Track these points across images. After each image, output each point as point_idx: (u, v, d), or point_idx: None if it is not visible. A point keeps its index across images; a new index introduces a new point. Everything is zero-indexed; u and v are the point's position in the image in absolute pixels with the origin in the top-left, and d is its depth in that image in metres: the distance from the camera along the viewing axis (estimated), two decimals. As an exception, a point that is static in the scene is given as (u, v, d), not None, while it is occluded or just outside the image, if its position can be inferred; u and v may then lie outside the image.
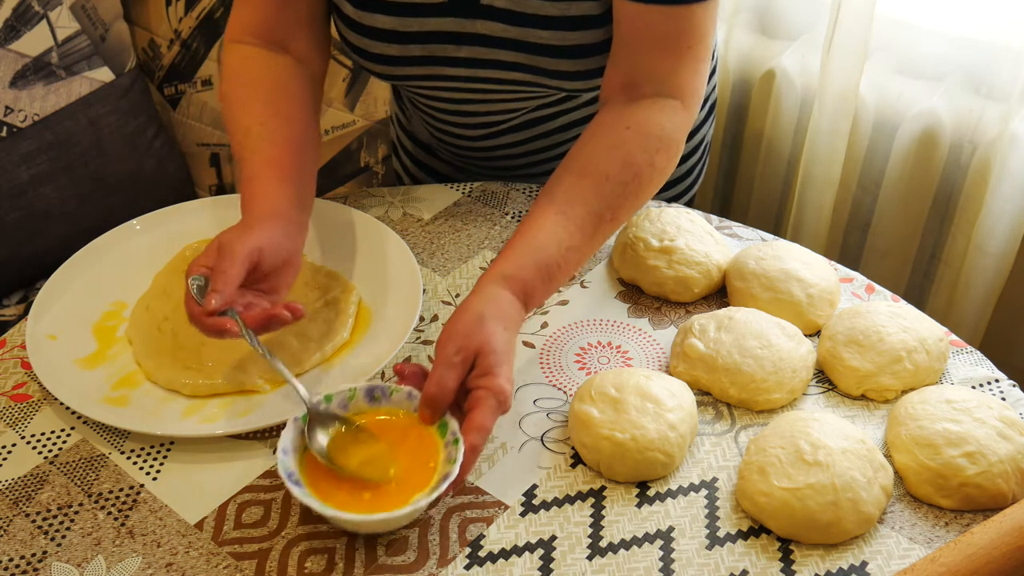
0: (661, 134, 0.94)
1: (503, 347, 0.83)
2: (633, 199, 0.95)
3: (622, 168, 0.93)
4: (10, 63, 1.52)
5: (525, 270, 0.88)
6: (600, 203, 0.92)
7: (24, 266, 1.56)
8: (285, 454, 0.81)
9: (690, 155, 1.26)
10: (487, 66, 1.01)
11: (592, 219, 0.92)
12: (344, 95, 1.60)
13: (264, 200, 0.92)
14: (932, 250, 1.52)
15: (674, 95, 0.96)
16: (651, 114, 0.95)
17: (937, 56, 1.39)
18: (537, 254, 0.89)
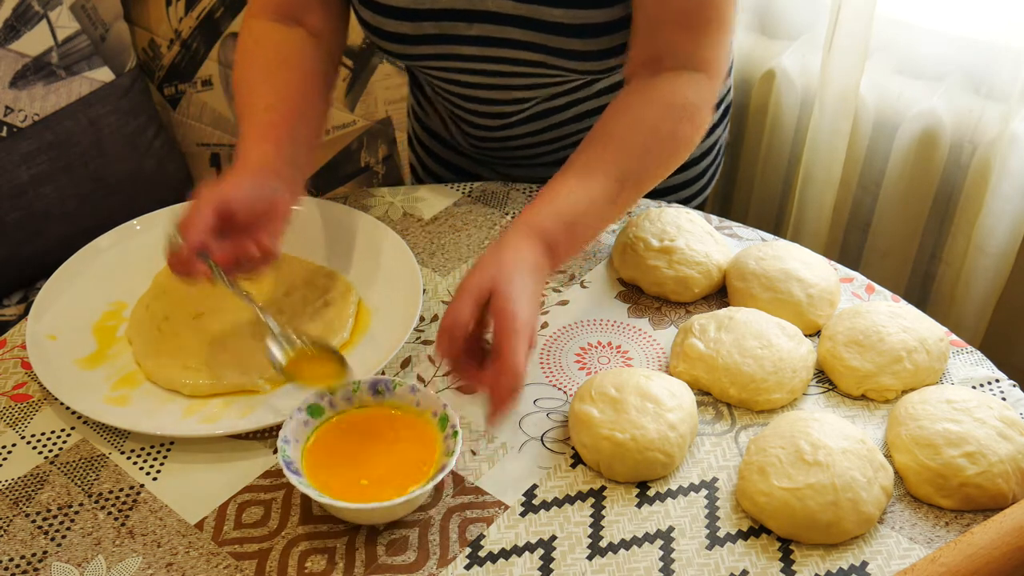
0: (685, 103, 0.95)
1: (519, 285, 0.83)
2: (656, 167, 0.96)
3: (646, 136, 0.94)
4: (10, 63, 1.52)
5: (547, 220, 0.89)
6: (623, 168, 0.93)
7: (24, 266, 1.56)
8: (286, 443, 0.82)
9: (702, 157, 1.25)
10: (498, 44, 1.02)
11: (615, 183, 0.92)
12: (344, 95, 1.60)
13: (244, 157, 0.94)
14: (932, 250, 1.52)
15: (698, 68, 0.97)
16: (675, 86, 0.96)
17: (937, 56, 1.39)
18: (559, 206, 0.90)
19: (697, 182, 1.27)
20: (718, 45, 0.97)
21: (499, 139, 1.18)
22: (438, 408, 0.84)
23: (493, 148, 1.21)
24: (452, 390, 0.94)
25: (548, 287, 1.05)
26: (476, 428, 0.90)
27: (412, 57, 1.07)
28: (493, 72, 1.06)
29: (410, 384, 0.86)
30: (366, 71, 1.58)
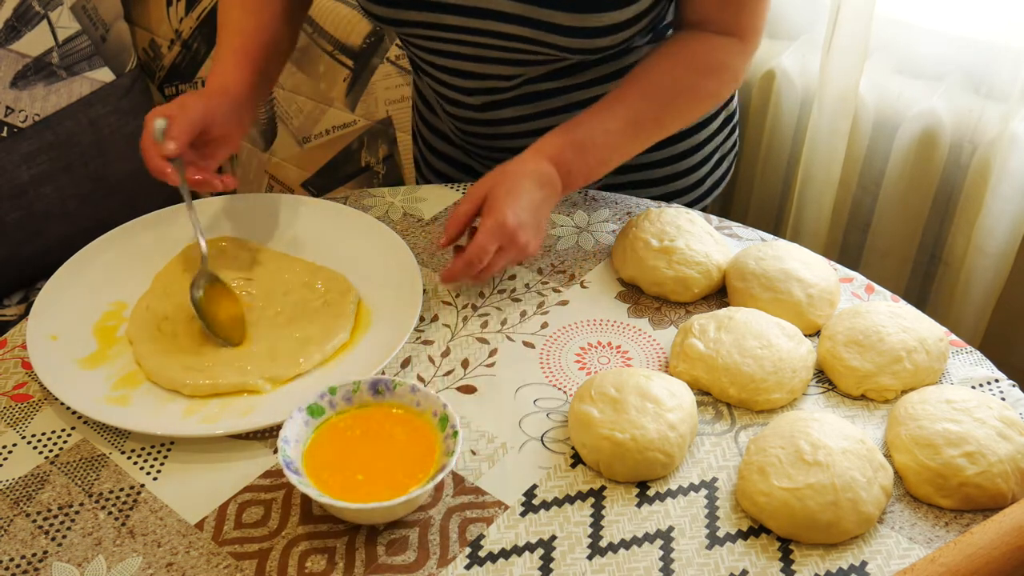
0: (710, 60, 1.04)
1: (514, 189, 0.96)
2: (677, 113, 1.06)
3: (670, 82, 1.03)
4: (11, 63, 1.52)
5: (557, 140, 1.00)
6: (642, 107, 1.03)
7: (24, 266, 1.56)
8: (286, 444, 0.82)
9: (700, 165, 1.25)
10: (483, 15, 1.02)
11: (632, 119, 1.02)
12: (345, 95, 1.60)
13: (222, 76, 1.06)
14: (932, 250, 1.52)
15: (733, 33, 1.04)
16: (707, 45, 1.05)
17: (937, 56, 1.39)
18: (571, 133, 1.01)
19: (695, 190, 1.27)
20: (756, 14, 1.04)
21: (485, 122, 1.18)
22: (438, 408, 0.85)
23: (481, 135, 1.21)
24: (453, 390, 0.94)
25: (548, 285, 1.05)
26: (476, 428, 0.90)
27: (398, 23, 1.07)
28: (478, 44, 1.06)
29: (410, 384, 0.86)
30: (367, 71, 1.58)
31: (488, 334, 1.00)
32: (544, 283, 1.06)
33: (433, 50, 1.10)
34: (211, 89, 1.05)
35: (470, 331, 1.00)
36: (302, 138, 1.67)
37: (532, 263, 1.08)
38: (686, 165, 1.24)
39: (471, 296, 1.04)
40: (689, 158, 1.24)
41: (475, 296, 1.04)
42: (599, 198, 1.17)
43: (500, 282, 1.06)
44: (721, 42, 1.04)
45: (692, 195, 1.28)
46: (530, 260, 1.07)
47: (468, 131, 1.21)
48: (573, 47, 1.03)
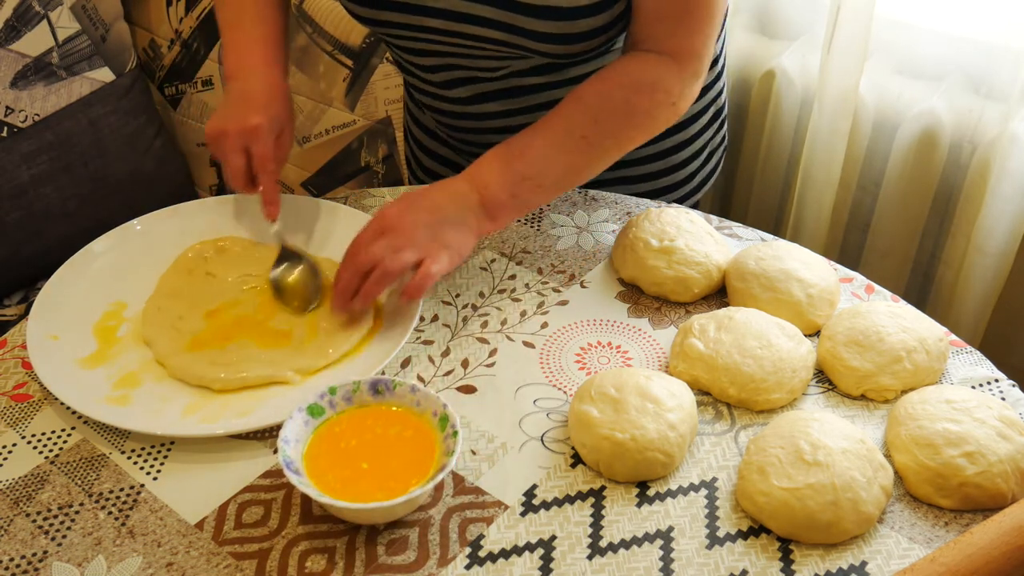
0: (641, 77, 1.00)
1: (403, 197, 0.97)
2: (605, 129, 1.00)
3: (597, 98, 1.00)
4: (11, 63, 1.52)
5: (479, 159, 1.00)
6: (568, 124, 0.99)
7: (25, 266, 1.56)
8: (286, 444, 0.82)
9: (691, 160, 1.26)
10: (463, 20, 1.02)
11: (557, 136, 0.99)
12: (344, 95, 1.60)
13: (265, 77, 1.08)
14: (932, 250, 1.52)
15: (667, 52, 1.01)
16: (637, 62, 1.01)
17: (937, 56, 1.39)
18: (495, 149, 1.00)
19: (685, 185, 1.28)
20: (694, 34, 1.00)
21: (470, 115, 1.17)
22: (438, 408, 0.85)
23: (467, 130, 1.21)
24: (453, 390, 0.94)
25: (548, 285, 1.05)
26: (476, 428, 0.90)
27: (378, 23, 1.07)
28: (458, 45, 1.06)
29: (410, 384, 0.86)
30: (366, 71, 1.58)
31: (488, 334, 1.00)
32: (544, 283, 1.06)
33: (415, 50, 1.11)
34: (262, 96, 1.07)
35: (470, 331, 1.00)
36: (302, 138, 1.67)
37: (532, 263, 1.08)
38: (676, 160, 1.25)
39: (471, 296, 1.04)
40: (679, 153, 1.24)
41: (475, 296, 1.04)
42: (599, 198, 1.17)
43: (500, 282, 1.06)
44: (653, 60, 1.00)
45: (683, 190, 1.28)
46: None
47: (454, 126, 1.22)
48: (551, 52, 1.04)
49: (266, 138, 1.04)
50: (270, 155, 1.04)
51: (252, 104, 1.05)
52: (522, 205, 1.00)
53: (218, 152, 1.05)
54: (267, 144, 1.04)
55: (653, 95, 1.01)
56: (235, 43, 1.11)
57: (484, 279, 1.07)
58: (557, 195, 1.03)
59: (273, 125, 1.05)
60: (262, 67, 1.09)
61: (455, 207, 0.97)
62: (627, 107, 1.00)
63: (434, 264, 0.94)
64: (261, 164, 1.04)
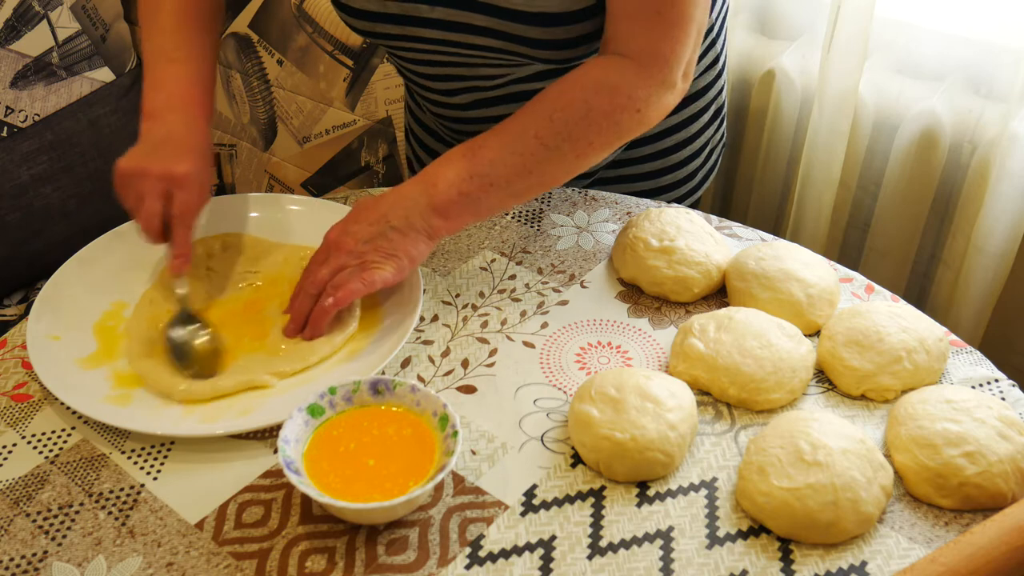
0: (603, 79, 0.97)
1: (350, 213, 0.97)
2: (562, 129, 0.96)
3: (555, 96, 0.97)
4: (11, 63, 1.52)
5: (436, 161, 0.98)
6: (524, 122, 0.97)
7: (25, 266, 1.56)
8: (286, 443, 0.82)
9: (692, 158, 1.26)
10: (459, 29, 1.02)
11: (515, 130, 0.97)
12: (344, 95, 1.60)
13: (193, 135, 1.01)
14: (932, 250, 1.52)
15: (629, 55, 0.97)
16: (600, 64, 0.98)
17: (937, 56, 1.39)
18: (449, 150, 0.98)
19: (687, 183, 1.28)
20: (662, 39, 0.96)
21: (471, 120, 1.17)
22: (438, 408, 0.85)
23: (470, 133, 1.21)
24: (453, 390, 0.94)
25: (548, 285, 1.05)
26: (476, 428, 0.90)
27: (375, 35, 1.07)
28: (455, 54, 1.06)
29: (410, 384, 0.86)
30: (366, 71, 1.58)
31: (488, 334, 1.00)
32: (544, 283, 1.06)
33: (414, 59, 1.11)
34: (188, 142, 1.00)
35: (470, 331, 1.00)
36: (302, 138, 1.67)
37: (532, 263, 1.08)
38: (678, 158, 1.25)
39: (471, 296, 1.04)
40: (681, 151, 1.24)
41: (475, 296, 1.04)
42: (599, 198, 1.17)
43: (500, 282, 1.06)
44: (615, 63, 0.97)
45: (684, 188, 1.28)
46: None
47: (457, 129, 1.22)
48: (546, 58, 1.04)
49: (192, 188, 0.98)
50: (192, 208, 0.98)
51: (179, 149, 0.99)
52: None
53: (130, 193, 0.98)
54: (190, 196, 0.97)
55: (613, 98, 0.96)
56: (161, 80, 1.04)
57: (484, 279, 1.07)
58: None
59: (201, 176, 0.99)
60: (189, 110, 1.02)
61: (400, 213, 0.95)
62: (584, 108, 0.96)
63: (375, 272, 0.94)
64: (182, 214, 0.97)
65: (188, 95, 1.03)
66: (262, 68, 1.66)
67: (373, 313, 1.01)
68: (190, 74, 1.04)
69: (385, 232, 0.95)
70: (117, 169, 0.98)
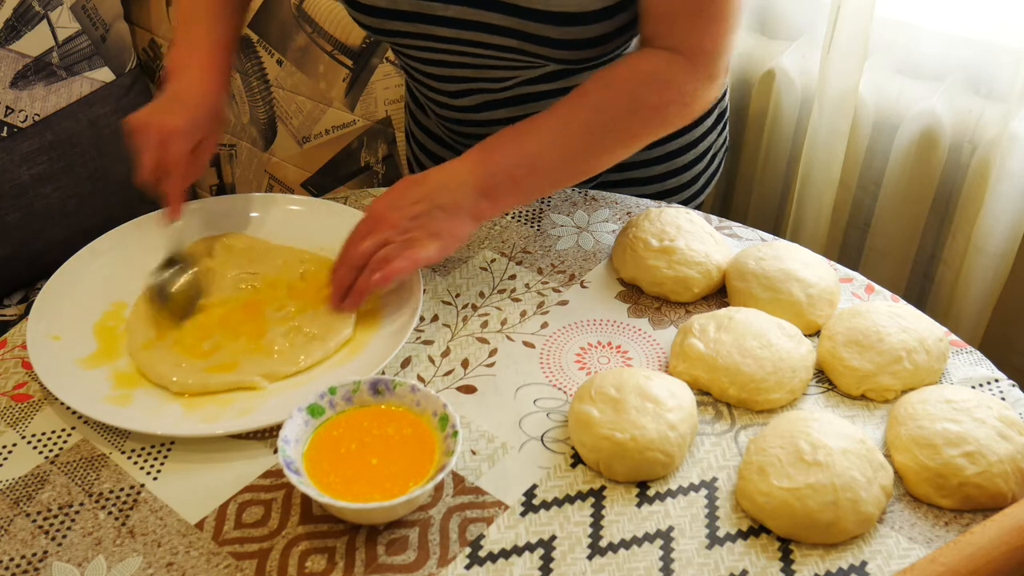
0: (651, 72, 0.99)
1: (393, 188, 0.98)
2: (611, 120, 0.99)
3: (604, 88, 0.99)
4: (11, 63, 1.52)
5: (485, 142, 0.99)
6: (573, 113, 0.98)
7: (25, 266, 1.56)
8: (286, 443, 0.82)
9: (695, 162, 1.26)
10: (473, 28, 1.02)
11: (563, 117, 0.98)
12: (344, 95, 1.60)
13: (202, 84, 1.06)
14: (932, 250, 1.52)
15: (681, 51, 0.99)
16: (649, 58, 0.99)
17: (937, 56, 1.39)
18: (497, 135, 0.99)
19: (690, 187, 1.28)
20: (706, 34, 0.98)
21: (477, 123, 1.17)
22: (438, 408, 0.85)
23: (474, 136, 1.20)
24: (453, 390, 0.94)
25: (548, 285, 1.05)
26: (476, 428, 0.90)
27: (385, 32, 1.07)
28: (468, 54, 1.06)
29: (410, 384, 0.86)
30: (366, 71, 1.58)
31: (488, 334, 1.00)
32: (544, 283, 1.06)
33: (424, 59, 1.11)
34: (191, 100, 1.05)
35: (470, 331, 1.00)
36: (302, 138, 1.67)
37: (532, 263, 1.08)
38: (682, 162, 1.25)
39: (471, 296, 1.04)
40: (684, 155, 1.24)
41: (475, 296, 1.04)
42: (599, 198, 1.17)
43: (500, 282, 1.06)
44: (665, 57, 0.99)
45: (687, 192, 1.28)
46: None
47: (461, 132, 1.21)
48: (561, 58, 1.03)
49: (180, 141, 1.02)
50: (181, 159, 1.02)
51: (179, 105, 1.04)
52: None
53: (134, 144, 1.03)
54: (180, 147, 1.02)
55: (662, 92, 0.99)
56: (184, 42, 1.09)
57: (484, 279, 1.07)
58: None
59: (192, 130, 1.03)
60: (202, 71, 1.07)
61: (448, 192, 0.96)
62: (633, 101, 0.99)
63: (419, 251, 0.94)
64: (171, 165, 1.02)
65: (205, 53, 1.07)
66: (262, 68, 1.66)
67: (373, 313, 1.01)
68: (214, 40, 1.08)
69: (431, 211, 0.95)
70: (129, 122, 1.04)
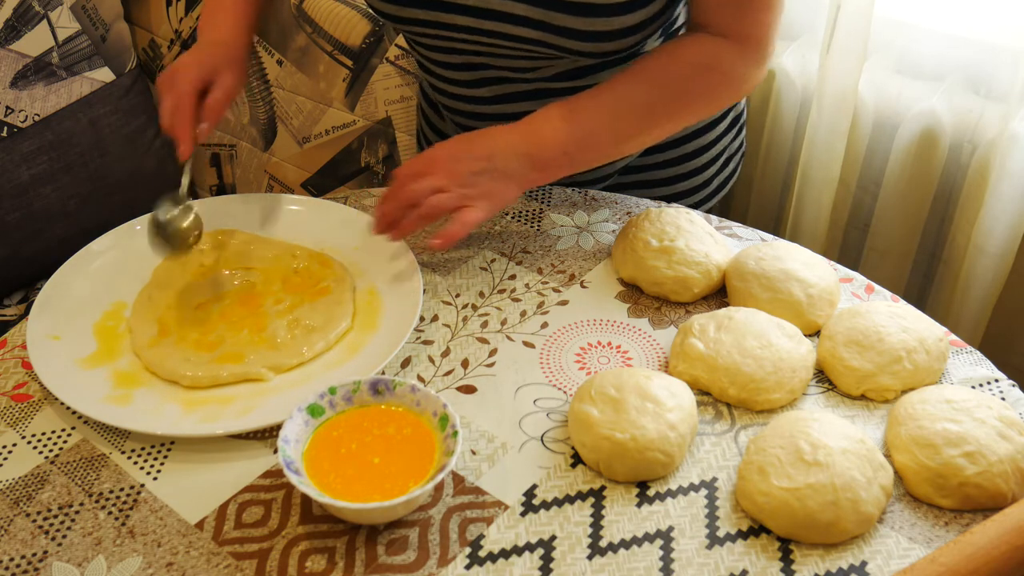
0: (701, 57, 1.02)
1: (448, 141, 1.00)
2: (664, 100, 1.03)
3: (658, 70, 1.02)
4: (11, 63, 1.52)
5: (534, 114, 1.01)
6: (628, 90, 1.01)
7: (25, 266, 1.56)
8: (286, 443, 0.82)
9: (707, 166, 1.26)
10: (493, 17, 1.01)
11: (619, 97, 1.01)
12: (344, 95, 1.60)
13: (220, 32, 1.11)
14: (932, 250, 1.52)
15: (729, 36, 1.02)
16: (699, 42, 1.02)
17: (937, 56, 1.39)
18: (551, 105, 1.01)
19: (702, 190, 1.28)
20: (756, 21, 1.02)
21: (490, 116, 1.16)
22: (438, 408, 0.85)
23: None
24: (453, 390, 0.94)
25: (548, 285, 1.05)
26: (476, 428, 0.90)
27: (402, 20, 1.06)
28: (487, 44, 1.06)
29: (410, 384, 0.86)
30: (366, 71, 1.58)
31: (488, 334, 1.00)
32: (544, 283, 1.06)
33: (441, 48, 1.10)
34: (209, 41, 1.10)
35: (470, 331, 1.00)
36: (302, 138, 1.67)
37: (532, 263, 1.08)
38: (694, 165, 1.25)
39: (471, 296, 1.04)
40: (697, 158, 1.24)
41: (475, 296, 1.04)
42: (599, 198, 1.17)
43: (500, 282, 1.06)
44: (716, 43, 1.02)
45: (699, 195, 1.28)
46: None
47: (474, 127, 1.21)
48: (583, 50, 1.03)
49: (187, 75, 1.04)
50: (188, 94, 1.04)
51: (195, 49, 1.09)
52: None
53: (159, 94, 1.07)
54: (187, 81, 1.04)
55: (714, 76, 1.03)
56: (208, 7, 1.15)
57: (484, 279, 1.07)
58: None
59: (200, 67, 1.06)
60: (225, 19, 1.12)
61: (504, 157, 0.98)
62: (685, 84, 1.02)
63: (472, 213, 0.96)
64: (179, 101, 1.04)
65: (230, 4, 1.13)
66: (262, 68, 1.66)
67: (373, 313, 1.01)
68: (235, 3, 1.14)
69: (490, 170, 0.97)
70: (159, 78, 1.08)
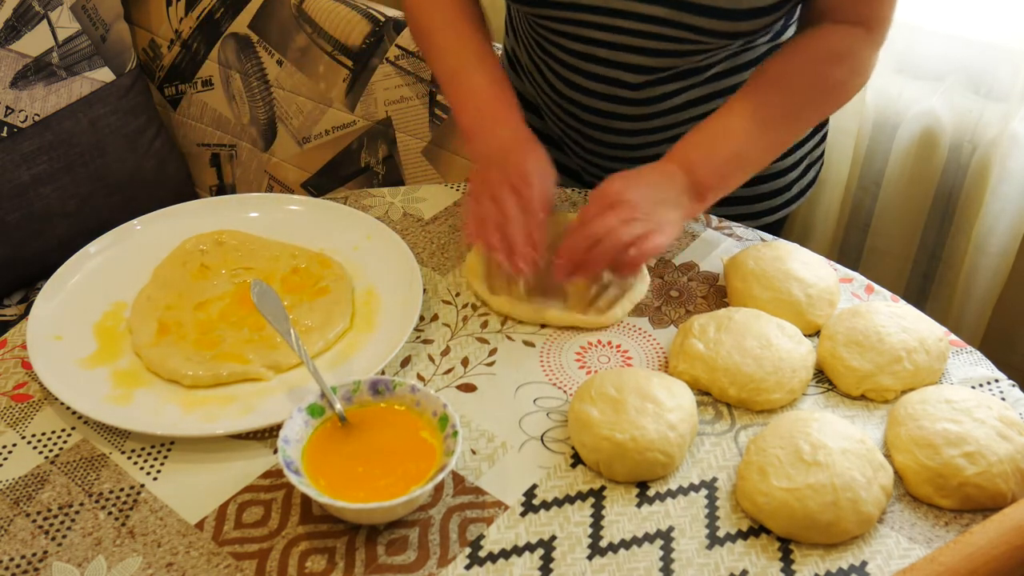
0: (832, 48, 1.01)
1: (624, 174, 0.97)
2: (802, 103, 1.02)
3: (791, 72, 1.01)
4: (11, 63, 1.52)
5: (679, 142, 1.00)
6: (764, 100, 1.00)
7: (25, 266, 1.56)
8: (287, 444, 0.82)
9: (787, 171, 1.21)
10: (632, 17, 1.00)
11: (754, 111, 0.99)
12: (344, 95, 1.60)
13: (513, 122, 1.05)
14: (932, 250, 1.52)
15: (857, 22, 1.00)
16: (827, 34, 1.01)
17: (937, 56, 1.39)
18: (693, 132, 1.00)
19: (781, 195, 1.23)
20: (883, 3, 1.01)
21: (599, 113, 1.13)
22: (438, 408, 0.85)
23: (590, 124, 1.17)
24: (453, 389, 0.94)
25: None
26: (476, 427, 0.90)
27: (536, 2, 1.04)
28: (616, 28, 1.03)
29: (410, 384, 0.86)
30: (366, 71, 1.58)
31: (488, 333, 1.00)
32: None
33: (568, 34, 1.07)
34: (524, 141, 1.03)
35: (470, 330, 1.00)
36: (302, 138, 1.67)
37: (532, 263, 1.08)
38: (774, 169, 1.19)
39: (471, 296, 1.04)
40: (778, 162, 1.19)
41: (475, 296, 1.04)
42: (599, 198, 1.17)
43: (500, 282, 1.06)
44: (844, 31, 1.01)
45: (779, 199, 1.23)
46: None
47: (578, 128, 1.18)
48: (715, 29, 1.00)
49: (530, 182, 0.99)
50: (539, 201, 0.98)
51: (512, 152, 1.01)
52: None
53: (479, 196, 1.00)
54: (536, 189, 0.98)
55: (845, 65, 1.01)
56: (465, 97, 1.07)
57: (484, 279, 1.06)
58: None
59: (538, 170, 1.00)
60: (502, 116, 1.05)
61: (671, 188, 0.97)
62: (822, 80, 1.01)
63: (658, 237, 0.95)
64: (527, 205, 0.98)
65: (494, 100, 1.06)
66: (262, 68, 1.66)
67: (372, 313, 1.01)
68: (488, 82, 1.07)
69: (663, 201, 0.97)
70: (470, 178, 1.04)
